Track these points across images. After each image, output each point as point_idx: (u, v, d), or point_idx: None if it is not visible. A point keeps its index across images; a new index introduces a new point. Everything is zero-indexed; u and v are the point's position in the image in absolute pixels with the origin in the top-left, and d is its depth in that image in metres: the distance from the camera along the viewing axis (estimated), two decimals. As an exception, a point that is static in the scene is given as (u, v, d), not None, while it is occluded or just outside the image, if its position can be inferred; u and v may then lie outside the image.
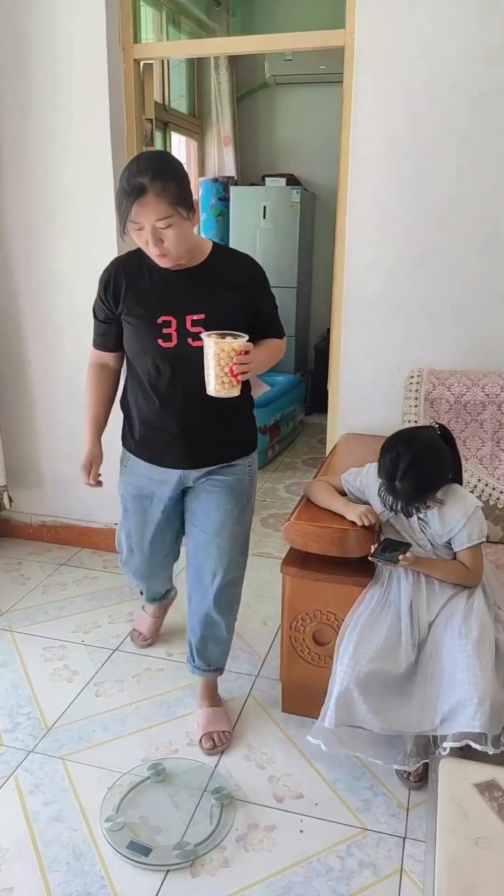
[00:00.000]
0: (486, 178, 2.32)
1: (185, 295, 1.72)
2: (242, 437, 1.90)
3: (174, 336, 1.72)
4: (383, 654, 1.70)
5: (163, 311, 1.72)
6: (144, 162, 1.57)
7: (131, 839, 1.65)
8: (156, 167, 1.55)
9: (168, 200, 1.55)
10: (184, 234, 1.62)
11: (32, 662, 2.32)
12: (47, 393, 2.97)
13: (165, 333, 1.72)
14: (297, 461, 4.36)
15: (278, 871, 1.59)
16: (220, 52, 4.10)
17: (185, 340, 1.72)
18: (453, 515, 1.72)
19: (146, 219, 1.56)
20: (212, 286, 1.73)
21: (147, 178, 1.53)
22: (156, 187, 1.53)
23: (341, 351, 2.62)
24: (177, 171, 1.60)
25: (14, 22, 2.56)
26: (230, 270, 1.76)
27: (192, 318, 1.70)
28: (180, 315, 1.71)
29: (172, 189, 1.55)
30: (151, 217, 1.56)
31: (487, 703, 1.54)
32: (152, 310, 1.72)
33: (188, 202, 1.61)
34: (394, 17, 2.26)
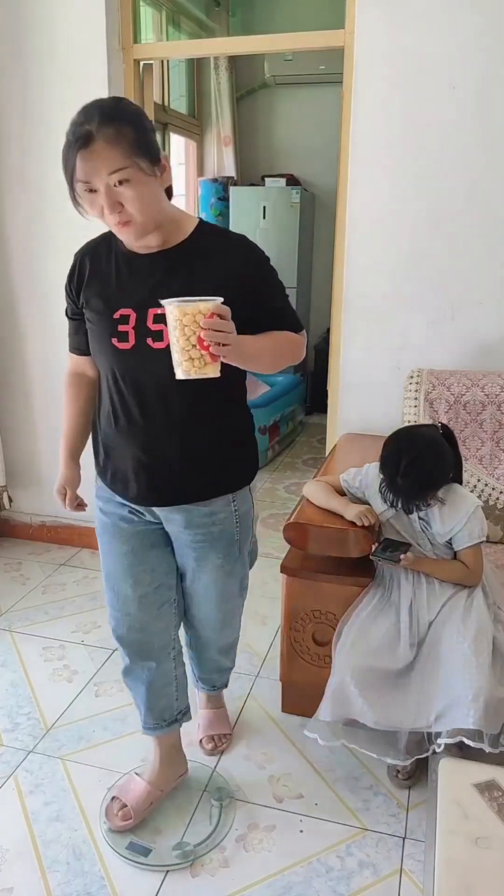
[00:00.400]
0: (486, 178, 2.32)
1: (151, 283, 1.38)
2: (228, 469, 1.52)
3: (131, 335, 1.38)
4: (381, 651, 1.70)
5: (121, 303, 1.40)
6: (92, 106, 1.27)
7: (131, 839, 1.65)
8: (105, 110, 1.25)
9: (122, 148, 1.24)
10: (148, 193, 1.29)
11: (32, 662, 2.32)
12: (47, 393, 2.97)
13: (121, 331, 1.39)
14: (297, 461, 4.36)
15: (278, 871, 1.59)
16: (220, 52, 4.10)
17: (144, 341, 1.37)
18: (454, 515, 1.72)
19: (97, 175, 1.25)
20: (188, 272, 1.38)
21: (94, 123, 1.23)
22: (105, 133, 1.23)
23: (341, 351, 2.62)
24: (134, 114, 1.29)
25: (14, 22, 2.56)
26: (217, 254, 1.40)
27: (154, 313, 1.35)
28: (141, 309, 1.37)
29: (127, 134, 1.24)
30: (102, 171, 1.25)
31: (482, 699, 1.54)
32: (110, 302, 1.41)
33: (151, 152, 1.28)
34: (394, 17, 2.27)
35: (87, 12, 2.50)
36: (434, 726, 1.63)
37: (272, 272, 1.49)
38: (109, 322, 1.41)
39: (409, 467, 1.64)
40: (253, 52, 3.65)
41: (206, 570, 1.59)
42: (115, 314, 1.40)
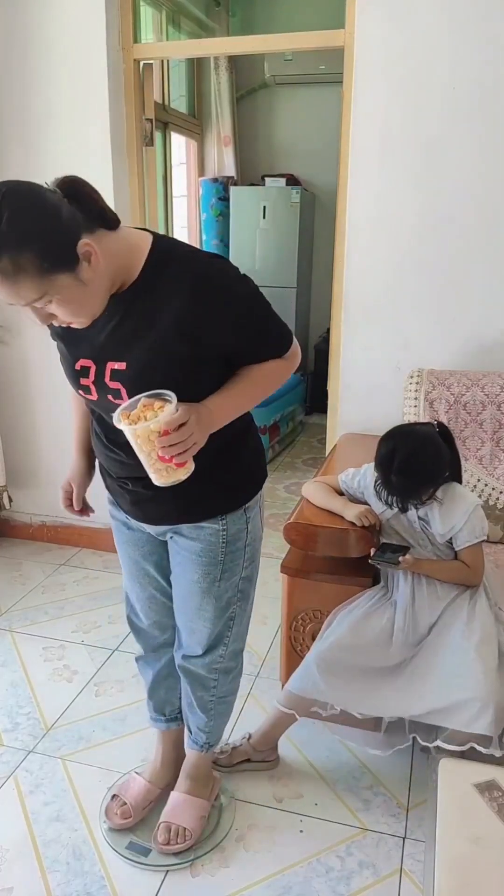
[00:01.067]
0: (487, 178, 2.32)
1: (106, 332, 1.24)
2: (217, 491, 1.42)
3: (92, 389, 1.29)
4: (371, 648, 1.70)
5: (80, 352, 1.28)
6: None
7: (131, 839, 1.66)
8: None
9: (29, 279, 1.05)
10: (77, 297, 1.13)
11: (32, 662, 2.32)
12: (47, 394, 2.97)
13: (83, 384, 1.29)
14: (297, 461, 4.37)
15: (278, 871, 1.59)
16: (220, 52, 4.10)
17: (106, 396, 1.27)
18: (454, 514, 1.71)
19: (12, 301, 1.10)
20: (139, 319, 1.22)
21: None
22: (2, 267, 1.03)
23: (341, 351, 2.62)
24: (26, 229, 1.04)
25: (14, 22, 2.56)
26: (169, 289, 1.20)
27: (111, 367, 1.24)
28: (100, 361, 1.26)
29: (28, 260, 1.04)
30: (17, 301, 1.09)
31: (491, 706, 1.53)
32: (70, 350, 1.30)
33: (66, 256, 1.08)
34: (393, 17, 2.26)
35: (87, 12, 2.50)
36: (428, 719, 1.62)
37: (241, 305, 1.26)
38: (72, 371, 1.31)
39: (403, 464, 1.63)
40: (253, 52, 3.65)
41: (184, 580, 1.53)
42: (76, 365, 1.30)
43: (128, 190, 2.72)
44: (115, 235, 1.20)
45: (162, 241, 1.25)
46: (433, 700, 1.62)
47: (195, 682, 1.63)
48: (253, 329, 1.30)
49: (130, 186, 2.73)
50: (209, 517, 1.44)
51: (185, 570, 1.51)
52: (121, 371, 1.23)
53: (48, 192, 1.10)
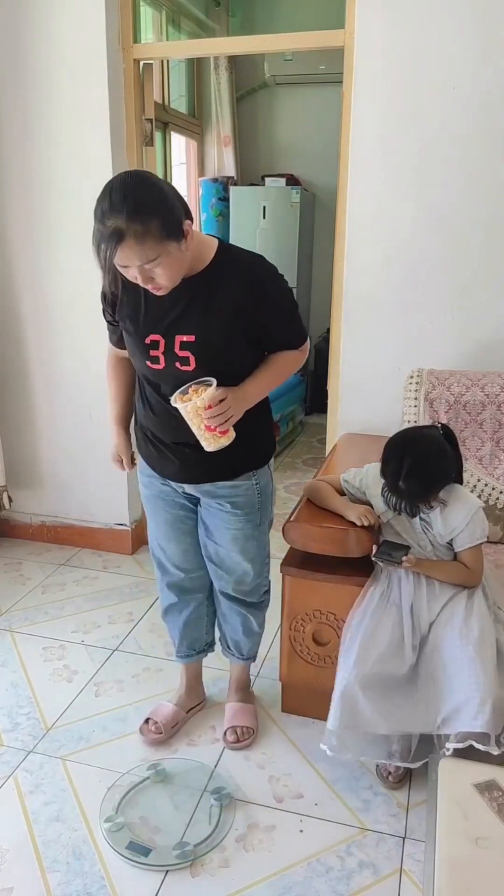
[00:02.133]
0: (486, 178, 2.32)
1: (176, 312, 1.53)
2: (248, 453, 1.73)
3: (161, 359, 1.56)
4: (387, 655, 1.70)
5: (151, 329, 1.55)
6: (118, 197, 1.34)
7: (131, 839, 1.65)
8: (131, 205, 1.32)
9: (152, 241, 1.35)
10: (177, 264, 1.43)
11: (32, 662, 2.32)
12: (47, 393, 2.97)
13: (153, 355, 1.56)
14: (297, 461, 4.36)
15: (278, 871, 1.59)
16: (220, 52, 4.10)
17: (174, 364, 1.55)
18: (456, 516, 1.72)
19: (131, 262, 1.38)
20: (207, 301, 1.52)
21: (123, 219, 1.32)
22: (135, 230, 1.33)
23: (341, 351, 2.62)
24: (157, 201, 1.37)
25: (14, 22, 2.56)
26: (230, 281, 1.54)
27: (181, 340, 1.53)
28: (170, 335, 1.54)
29: (155, 226, 1.34)
30: (136, 261, 1.37)
31: (489, 703, 1.54)
32: (141, 327, 1.57)
33: (177, 230, 1.39)
34: (393, 17, 2.26)
35: (87, 12, 2.50)
36: (441, 729, 1.63)
37: (281, 297, 1.60)
38: (142, 345, 1.57)
39: (411, 470, 1.63)
40: (253, 52, 3.65)
41: (228, 532, 1.78)
42: (146, 339, 1.56)
43: (128, 190, 2.72)
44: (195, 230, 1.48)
45: (225, 243, 1.58)
46: (444, 707, 1.62)
47: (251, 609, 1.94)
48: (286, 318, 1.63)
49: (130, 186, 2.72)
50: (243, 474, 1.73)
51: (229, 523, 1.77)
52: (190, 342, 1.52)
53: (166, 182, 1.44)
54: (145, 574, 2.90)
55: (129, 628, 2.51)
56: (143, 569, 2.95)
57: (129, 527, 3.05)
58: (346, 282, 2.54)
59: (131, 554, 3.08)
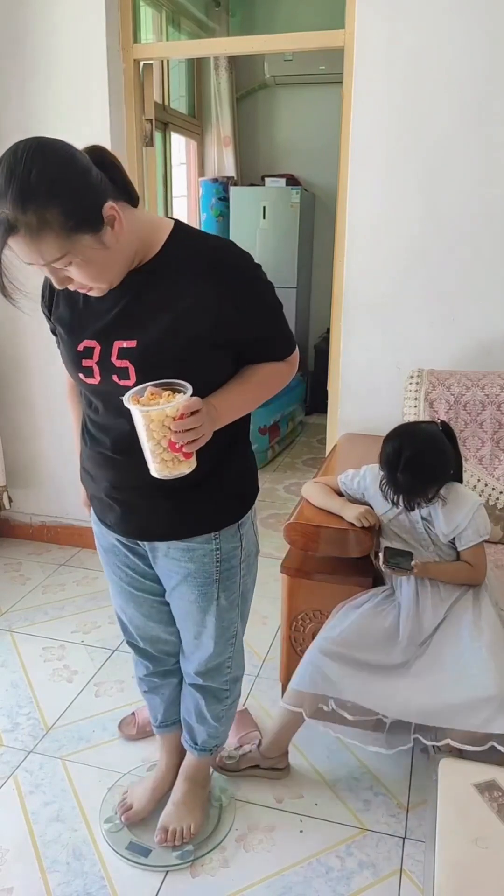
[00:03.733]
0: (487, 178, 2.32)
1: (116, 310, 1.20)
2: (209, 505, 1.35)
3: (95, 370, 1.22)
4: (375, 648, 1.69)
5: (84, 332, 1.23)
6: (3, 176, 1.00)
7: (131, 840, 1.65)
8: (17, 189, 0.99)
9: (53, 236, 1.03)
10: (99, 260, 1.10)
11: (32, 663, 2.32)
12: (47, 393, 2.97)
13: (86, 366, 1.23)
14: (297, 461, 4.36)
15: (278, 872, 1.59)
16: (220, 52, 4.09)
17: (110, 378, 1.21)
18: (458, 513, 1.72)
19: (30, 260, 1.08)
20: (155, 296, 1.19)
21: (9, 208, 1.00)
22: (27, 223, 1.01)
23: (341, 351, 2.62)
24: (57, 181, 1.02)
25: (13, 22, 2.56)
26: (188, 269, 1.18)
27: (119, 346, 1.20)
28: (105, 341, 1.21)
29: (54, 217, 1.01)
30: (38, 260, 1.08)
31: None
32: (73, 331, 1.25)
33: (91, 218, 1.06)
34: (393, 17, 2.26)
35: (87, 12, 2.50)
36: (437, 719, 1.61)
37: (261, 290, 1.26)
38: (74, 354, 1.25)
39: (409, 462, 1.63)
40: (253, 52, 3.65)
41: (183, 601, 1.47)
42: (78, 346, 1.24)
43: (128, 190, 2.72)
44: (138, 211, 1.20)
45: (184, 224, 1.24)
46: (446, 697, 1.60)
47: (209, 696, 1.60)
48: (268, 322, 1.29)
49: (130, 186, 2.73)
50: (201, 533, 1.37)
51: (182, 592, 1.45)
52: (130, 349, 1.19)
53: (78, 153, 1.07)
54: (145, 574, 2.90)
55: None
56: (143, 569, 2.95)
57: (129, 527, 3.05)
58: (347, 282, 2.54)
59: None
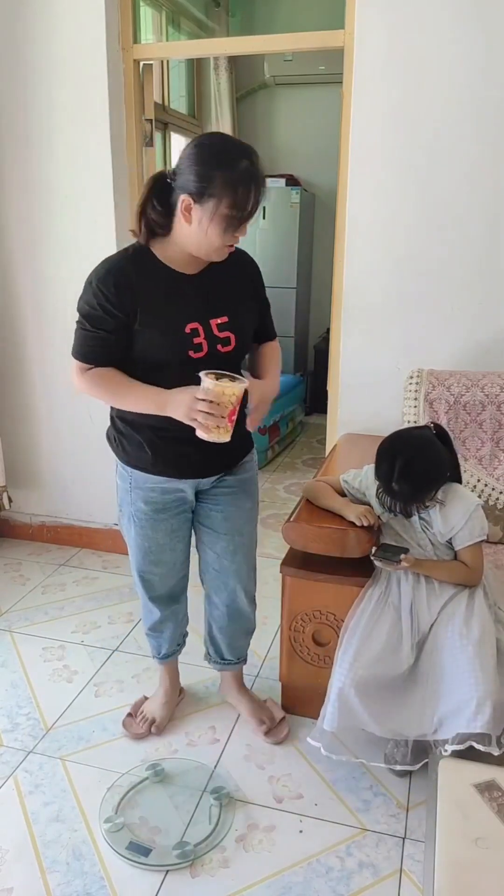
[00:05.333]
0: (486, 179, 2.32)
1: (204, 298, 1.59)
2: (246, 433, 1.76)
3: (204, 345, 1.58)
4: (384, 656, 1.70)
5: (189, 318, 1.57)
6: (238, 145, 1.46)
7: (131, 839, 1.65)
8: (252, 150, 1.45)
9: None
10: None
11: (32, 663, 2.32)
12: (47, 393, 2.97)
13: (196, 343, 1.57)
14: (297, 461, 4.36)
15: (278, 872, 1.59)
16: (220, 52, 4.09)
17: (215, 348, 1.59)
18: (455, 514, 1.72)
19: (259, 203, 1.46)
20: (227, 286, 1.63)
21: (254, 162, 1.43)
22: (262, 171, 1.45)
23: (341, 351, 2.62)
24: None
25: (13, 22, 2.56)
26: (236, 268, 1.66)
27: (216, 323, 1.59)
28: (205, 321, 1.58)
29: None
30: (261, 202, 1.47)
31: (489, 703, 1.54)
32: (178, 318, 1.56)
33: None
34: (393, 17, 2.26)
35: (87, 12, 2.50)
36: (438, 732, 1.63)
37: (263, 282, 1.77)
38: (182, 335, 1.56)
39: (403, 471, 1.64)
40: (253, 52, 3.65)
41: (239, 515, 1.82)
42: (185, 328, 1.56)
43: (128, 190, 2.72)
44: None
45: None
46: (442, 709, 1.62)
47: (253, 608, 1.97)
48: (269, 306, 1.79)
49: (130, 186, 2.73)
50: (248, 452, 1.82)
51: (239, 504, 1.81)
52: (224, 323, 1.59)
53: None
54: (145, 574, 2.90)
55: (129, 628, 2.51)
56: (143, 569, 2.95)
57: (129, 527, 3.05)
58: (346, 282, 2.54)
59: (131, 554, 3.07)
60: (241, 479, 1.81)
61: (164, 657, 2.04)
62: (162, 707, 2.04)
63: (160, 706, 2.04)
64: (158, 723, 2.01)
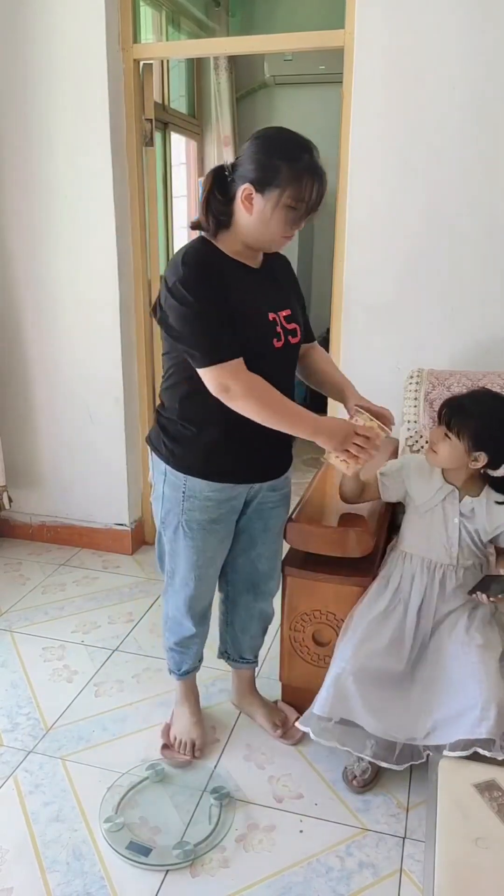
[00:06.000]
0: (486, 179, 2.32)
1: (272, 290, 1.63)
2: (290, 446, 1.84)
3: (282, 335, 1.60)
4: (387, 650, 1.70)
5: (268, 307, 1.59)
6: (301, 138, 1.47)
7: (131, 839, 1.65)
8: (313, 144, 1.47)
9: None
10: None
11: (32, 663, 2.32)
12: (48, 394, 2.97)
13: (277, 332, 1.58)
14: (297, 461, 4.34)
15: (278, 871, 1.59)
16: (220, 52, 4.09)
17: (288, 338, 1.62)
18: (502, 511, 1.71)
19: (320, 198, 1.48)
20: (283, 282, 1.69)
21: (316, 156, 1.46)
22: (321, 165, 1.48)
23: (341, 351, 2.62)
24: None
25: (13, 22, 2.56)
26: (283, 268, 1.73)
27: (283, 315, 1.62)
28: (277, 312, 1.60)
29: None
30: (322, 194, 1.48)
31: (493, 708, 1.53)
32: (262, 307, 1.58)
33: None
34: (393, 17, 2.26)
35: (87, 12, 2.49)
36: (431, 737, 1.62)
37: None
38: (266, 324, 1.57)
39: (483, 400, 1.70)
40: (253, 52, 3.65)
41: (277, 524, 1.85)
42: (268, 317, 1.57)
43: (128, 190, 2.72)
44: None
45: None
46: (439, 714, 1.61)
47: (269, 617, 2.01)
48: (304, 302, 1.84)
49: (130, 186, 2.73)
50: (291, 461, 1.87)
51: (279, 516, 1.84)
52: (289, 316, 1.63)
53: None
54: (145, 574, 2.90)
55: (129, 628, 2.51)
56: (143, 569, 2.95)
57: (129, 527, 3.05)
58: (346, 282, 2.54)
59: (131, 554, 3.07)
60: (283, 494, 1.85)
61: (184, 674, 1.98)
62: (195, 726, 1.96)
63: (192, 726, 1.96)
64: (199, 745, 1.92)
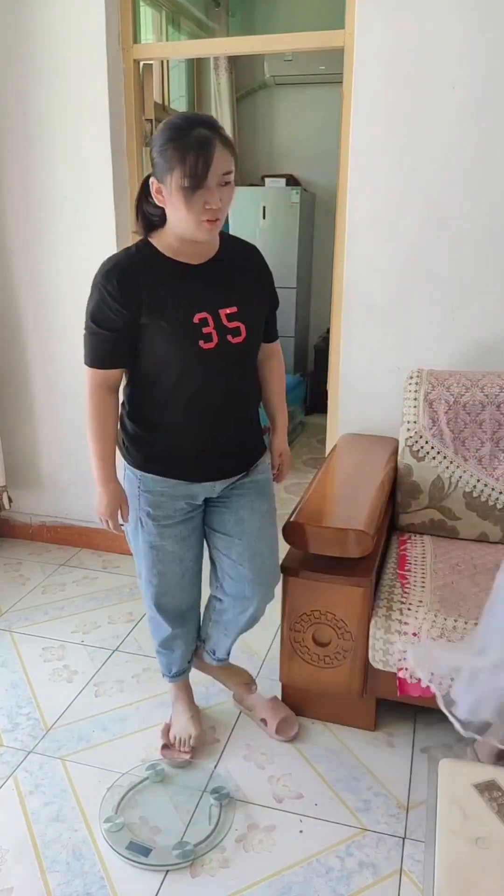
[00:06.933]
0: (486, 179, 2.32)
1: (212, 288, 1.59)
2: (260, 432, 1.81)
3: (214, 335, 1.57)
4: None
5: (196, 307, 1.56)
6: (193, 117, 1.44)
7: (131, 839, 1.66)
8: (208, 119, 1.45)
9: (230, 152, 1.45)
10: (231, 195, 1.49)
11: (32, 663, 2.32)
12: (47, 393, 2.97)
13: (206, 333, 1.56)
14: (297, 461, 4.36)
15: (278, 872, 1.59)
16: (220, 52, 4.10)
17: (225, 338, 1.59)
18: None
19: (214, 173, 1.41)
20: (235, 277, 1.63)
21: (207, 129, 1.41)
22: (221, 137, 1.43)
23: (341, 351, 2.62)
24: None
25: (13, 22, 2.56)
26: (246, 262, 1.69)
27: (225, 313, 1.58)
28: (214, 310, 1.57)
29: (230, 141, 1.46)
30: (220, 169, 1.42)
31: None
32: (186, 308, 1.55)
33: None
34: (393, 17, 2.26)
35: (87, 12, 2.49)
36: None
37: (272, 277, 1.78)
38: (191, 326, 1.55)
39: None
40: (253, 52, 3.65)
41: (255, 518, 1.78)
42: (194, 318, 1.56)
43: (128, 190, 2.72)
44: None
45: (225, 233, 1.67)
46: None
47: (254, 623, 1.94)
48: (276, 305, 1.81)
49: (130, 186, 2.73)
50: (263, 452, 1.81)
51: (254, 507, 1.77)
52: (233, 313, 1.59)
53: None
54: (145, 574, 2.90)
55: (129, 628, 2.51)
56: (143, 569, 2.95)
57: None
58: (346, 282, 2.54)
59: (131, 554, 3.07)
60: (254, 481, 1.78)
61: (175, 676, 1.98)
62: (191, 722, 1.96)
63: (188, 721, 1.96)
64: (196, 736, 1.93)
